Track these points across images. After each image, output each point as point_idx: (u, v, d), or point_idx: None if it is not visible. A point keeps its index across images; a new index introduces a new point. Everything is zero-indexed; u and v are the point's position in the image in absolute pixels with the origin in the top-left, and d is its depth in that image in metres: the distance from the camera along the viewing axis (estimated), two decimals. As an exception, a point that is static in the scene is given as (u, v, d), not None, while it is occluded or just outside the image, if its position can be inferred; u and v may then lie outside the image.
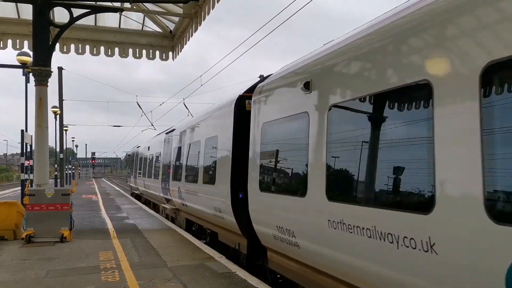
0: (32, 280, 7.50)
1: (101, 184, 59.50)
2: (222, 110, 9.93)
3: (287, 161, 6.66)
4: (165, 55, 16.91)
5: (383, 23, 4.50)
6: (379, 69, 4.36)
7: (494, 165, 3.11)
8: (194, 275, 7.71)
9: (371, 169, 4.54)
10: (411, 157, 3.96)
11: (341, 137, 5.11)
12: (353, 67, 4.86)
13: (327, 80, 5.41)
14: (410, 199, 3.97)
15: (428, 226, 3.58)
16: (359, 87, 4.66)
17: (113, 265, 8.47)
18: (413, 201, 3.93)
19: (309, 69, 5.97)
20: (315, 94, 5.61)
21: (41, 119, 12.51)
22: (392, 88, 4.11)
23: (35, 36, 12.58)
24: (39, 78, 12.58)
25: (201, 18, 13.65)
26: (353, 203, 4.71)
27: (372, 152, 4.52)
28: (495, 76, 3.17)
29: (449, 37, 3.54)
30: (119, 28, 16.44)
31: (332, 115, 5.21)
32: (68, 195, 11.48)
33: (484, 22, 3.22)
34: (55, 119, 36.70)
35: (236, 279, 7.41)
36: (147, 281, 7.31)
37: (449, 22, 3.54)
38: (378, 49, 4.42)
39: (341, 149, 5.13)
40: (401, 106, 4.11)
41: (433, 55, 3.69)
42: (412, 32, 3.96)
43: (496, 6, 3.13)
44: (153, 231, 13.12)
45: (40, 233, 11.07)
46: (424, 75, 3.73)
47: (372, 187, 4.53)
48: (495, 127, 3.12)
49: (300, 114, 5.98)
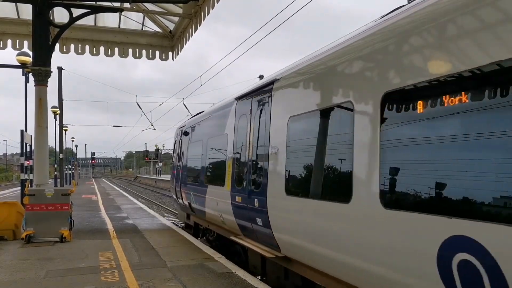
0: (32, 280, 7.50)
1: (101, 184, 59.53)
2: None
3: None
4: (164, 55, 16.92)
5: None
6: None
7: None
8: (193, 275, 7.71)
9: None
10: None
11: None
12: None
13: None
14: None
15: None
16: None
17: (112, 265, 8.47)
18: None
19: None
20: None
21: (40, 119, 12.51)
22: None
23: (34, 36, 12.58)
24: (38, 78, 12.58)
25: (201, 18, 13.65)
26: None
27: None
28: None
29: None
30: (119, 28, 16.44)
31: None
32: (68, 195, 11.48)
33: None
34: (55, 119, 36.72)
35: (235, 279, 7.41)
36: (147, 281, 7.31)
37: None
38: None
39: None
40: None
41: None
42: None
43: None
44: (153, 231, 13.12)
45: (40, 233, 11.07)
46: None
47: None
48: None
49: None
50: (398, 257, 3.99)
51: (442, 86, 3.64)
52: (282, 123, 6.54)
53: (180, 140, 14.23)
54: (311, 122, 5.81)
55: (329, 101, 5.39)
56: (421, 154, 3.82)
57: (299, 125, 6.21)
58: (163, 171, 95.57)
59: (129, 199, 28.44)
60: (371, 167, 4.40)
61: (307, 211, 5.70)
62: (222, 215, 9.33)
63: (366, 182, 4.48)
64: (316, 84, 5.86)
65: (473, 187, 3.32)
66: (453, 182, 3.47)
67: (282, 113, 6.64)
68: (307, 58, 6.36)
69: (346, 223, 4.84)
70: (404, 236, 3.89)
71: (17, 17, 15.28)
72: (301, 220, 5.86)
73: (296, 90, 6.53)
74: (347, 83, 5.10)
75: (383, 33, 4.50)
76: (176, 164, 14.68)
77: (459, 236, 3.30)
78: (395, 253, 4.02)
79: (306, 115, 5.92)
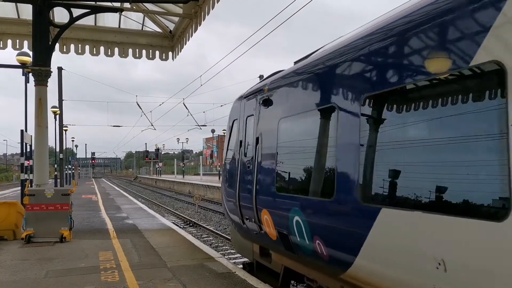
0: (32, 280, 7.50)
1: (101, 184, 59.55)
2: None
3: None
4: (165, 55, 16.92)
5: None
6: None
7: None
8: (193, 275, 7.71)
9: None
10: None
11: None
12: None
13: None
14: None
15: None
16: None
17: (112, 265, 8.47)
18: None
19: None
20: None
21: (40, 119, 12.51)
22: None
23: (35, 36, 12.59)
24: (38, 78, 12.58)
25: (201, 18, 13.66)
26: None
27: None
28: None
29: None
30: (119, 28, 16.45)
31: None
32: (68, 195, 11.48)
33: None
34: (55, 119, 36.71)
35: (236, 279, 7.41)
36: (147, 281, 7.31)
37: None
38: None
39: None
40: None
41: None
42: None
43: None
44: (153, 231, 13.12)
45: (40, 233, 11.06)
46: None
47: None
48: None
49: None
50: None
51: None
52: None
53: (251, 118, 7.87)
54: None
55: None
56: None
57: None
58: (163, 171, 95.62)
59: (129, 199, 28.44)
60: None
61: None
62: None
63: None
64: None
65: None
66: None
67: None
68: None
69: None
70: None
71: (17, 17, 15.29)
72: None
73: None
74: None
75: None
76: (238, 159, 8.29)
77: None
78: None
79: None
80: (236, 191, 8.15)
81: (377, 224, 4.28)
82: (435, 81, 3.82)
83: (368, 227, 4.37)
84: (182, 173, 75.03)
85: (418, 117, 4.05)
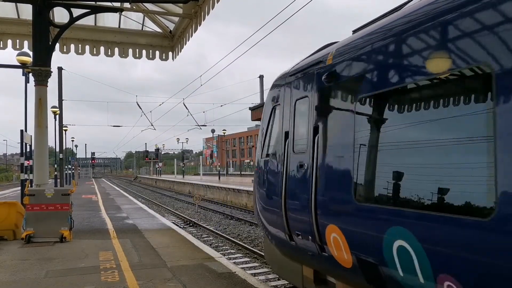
0: (32, 280, 7.50)
1: (101, 184, 59.55)
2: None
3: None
4: (165, 55, 16.92)
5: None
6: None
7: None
8: (193, 275, 7.71)
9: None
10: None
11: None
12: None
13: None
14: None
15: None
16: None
17: (112, 265, 8.47)
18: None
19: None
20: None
21: (40, 119, 12.51)
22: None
23: (35, 36, 12.59)
24: (38, 78, 12.58)
25: (201, 18, 13.66)
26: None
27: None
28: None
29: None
30: (119, 28, 16.44)
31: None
32: (68, 195, 11.48)
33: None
34: (55, 119, 36.70)
35: (236, 279, 7.41)
36: (147, 281, 7.31)
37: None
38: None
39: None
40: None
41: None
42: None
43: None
44: (153, 231, 13.11)
45: (40, 233, 11.06)
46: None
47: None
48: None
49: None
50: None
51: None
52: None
53: (303, 101, 6.01)
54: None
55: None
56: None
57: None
58: (163, 171, 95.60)
59: (129, 199, 28.44)
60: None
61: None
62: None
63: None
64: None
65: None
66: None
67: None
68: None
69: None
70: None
71: (17, 17, 15.28)
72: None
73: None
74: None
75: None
76: (282, 155, 6.44)
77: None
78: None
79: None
80: (280, 197, 6.27)
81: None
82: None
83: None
84: (182, 173, 75.10)
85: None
